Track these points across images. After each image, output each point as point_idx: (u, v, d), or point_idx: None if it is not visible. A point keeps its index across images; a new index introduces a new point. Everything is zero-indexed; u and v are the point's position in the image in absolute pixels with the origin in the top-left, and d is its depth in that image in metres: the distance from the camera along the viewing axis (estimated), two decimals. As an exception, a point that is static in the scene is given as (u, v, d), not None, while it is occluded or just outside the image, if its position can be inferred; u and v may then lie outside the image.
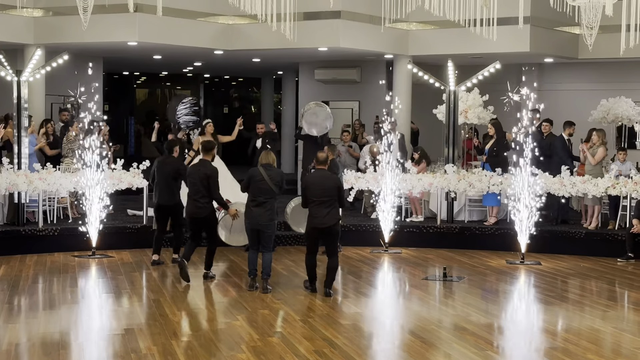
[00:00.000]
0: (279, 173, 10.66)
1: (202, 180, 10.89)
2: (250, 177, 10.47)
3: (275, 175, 10.51)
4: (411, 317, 9.60)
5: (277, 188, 10.47)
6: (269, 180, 10.37)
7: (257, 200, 10.39)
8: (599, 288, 11.35)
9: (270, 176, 10.40)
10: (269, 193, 10.40)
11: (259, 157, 10.80)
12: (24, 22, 15.76)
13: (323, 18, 15.89)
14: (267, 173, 10.42)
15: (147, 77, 29.98)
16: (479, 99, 16.37)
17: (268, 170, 10.47)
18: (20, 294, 10.23)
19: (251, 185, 10.44)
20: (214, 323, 8.96)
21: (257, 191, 10.41)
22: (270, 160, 10.61)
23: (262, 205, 10.38)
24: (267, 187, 10.36)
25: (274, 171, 10.57)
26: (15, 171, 13.12)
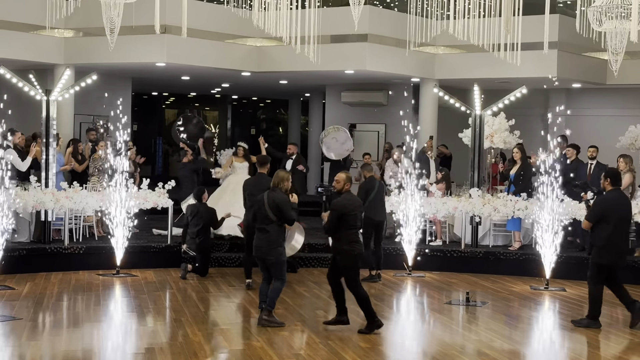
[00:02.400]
0: (278, 199, 9.63)
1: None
2: (255, 203, 9.92)
3: (274, 200, 9.60)
4: (433, 342, 9.54)
5: (274, 215, 9.58)
6: (267, 205, 9.61)
7: (259, 227, 9.72)
8: (624, 316, 11.19)
9: (268, 201, 9.61)
10: (267, 219, 9.60)
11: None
12: (54, 43, 15.98)
13: (350, 41, 15.98)
14: (268, 197, 9.66)
15: (176, 98, 30.22)
16: (505, 123, 16.32)
17: (271, 193, 9.69)
18: (45, 311, 10.30)
19: (256, 212, 9.80)
20: (234, 344, 8.96)
21: (259, 218, 9.73)
22: (277, 182, 9.73)
23: (261, 232, 9.67)
24: (266, 213, 9.61)
25: (275, 195, 9.66)
26: (42, 189, 13.26)
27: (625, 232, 10.17)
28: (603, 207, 9.96)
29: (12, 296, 11.03)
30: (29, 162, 13.78)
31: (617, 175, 10.25)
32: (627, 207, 10.17)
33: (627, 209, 10.14)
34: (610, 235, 9.86)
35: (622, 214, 9.95)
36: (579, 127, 19.07)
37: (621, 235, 10.03)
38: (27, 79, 13.71)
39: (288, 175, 9.88)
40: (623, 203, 10.09)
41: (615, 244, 9.94)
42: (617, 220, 9.85)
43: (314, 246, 14.45)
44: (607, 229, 9.85)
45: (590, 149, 14.58)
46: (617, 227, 9.86)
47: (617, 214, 9.91)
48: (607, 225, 9.86)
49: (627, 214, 10.11)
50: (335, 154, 15.65)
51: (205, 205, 13.09)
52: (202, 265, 12.84)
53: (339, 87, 19.87)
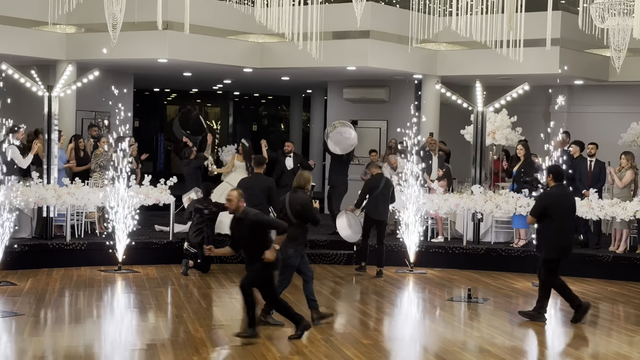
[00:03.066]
0: (300, 201, 9.47)
1: (264, 191, 11.82)
2: (279, 202, 9.86)
3: (295, 202, 9.44)
4: (434, 338, 9.55)
5: (296, 218, 9.42)
6: (288, 207, 9.45)
7: None
8: (626, 313, 11.21)
9: (290, 203, 9.46)
10: (287, 222, 9.32)
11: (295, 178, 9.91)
12: (56, 39, 15.97)
13: (352, 37, 15.96)
14: (290, 198, 9.50)
15: (178, 94, 30.22)
16: (507, 120, 16.31)
17: (292, 195, 9.54)
18: (46, 307, 10.31)
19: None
20: (235, 340, 8.95)
21: (280, 218, 9.57)
22: (301, 183, 9.62)
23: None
24: (285, 214, 9.46)
25: (297, 197, 9.51)
26: (44, 185, 13.26)
27: (569, 226, 10.24)
28: (546, 203, 10.09)
29: (14, 292, 11.04)
30: (31, 159, 13.78)
31: (560, 171, 10.36)
32: (570, 202, 10.27)
33: (570, 204, 10.25)
34: (554, 231, 9.96)
35: (565, 209, 10.03)
36: (581, 124, 19.04)
37: (565, 230, 10.08)
38: (29, 75, 13.71)
39: (311, 177, 9.78)
40: (566, 198, 10.19)
41: (559, 239, 10.02)
42: (560, 216, 9.95)
43: (315, 242, 14.45)
44: (551, 224, 9.97)
45: (590, 146, 14.57)
46: (561, 222, 9.94)
47: (560, 209, 9.99)
48: (551, 221, 9.97)
49: (570, 209, 10.21)
50: (340, 148, 15.61)
51: (210, 201, 13.07)
52: (204, 262, 12.84)
53: (340, 83, 19.85)
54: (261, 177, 12.19)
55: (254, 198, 11.78)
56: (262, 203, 11.89)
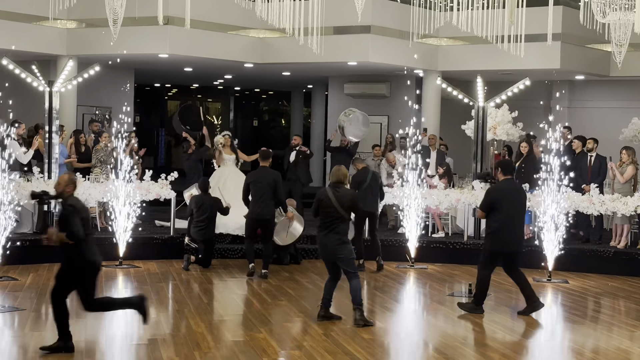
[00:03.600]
0: (349, 195, 9.49)
1: (270, 184, 11.83)
2: (318, 201, 9.43)
3: (344, 197, 9.36)
4: (435, 334, 9.55)
5: (348, 212, 9.40)
6: (337, 204, 9.31)
7: (324, 224, 9.40)
8: (627, 308, 11.22)
9: (338, 199, 9.32)
10: (338, 218, 9.32)
11: (331, 174, 9.84)
12: (57, 34, 15.97)
13: (353, 33, 15.95)
14: (335, 195, 9.34)
15: (178, 89, 30.21)
16: (508, 115, 16.31)
17: (337, 191, 9.38)
18: (47, 302, 10.26)
19: (320, 210, 9.43)
20: (236, 335, 8.97)
21: (325, 216, 9.38)
22: (341, 177, 9.52)
23: (330, 231, 9.36)
24: (335, 211, 9.29)
25: (343, 192, 9.42)
26: (45, 180, 13.26)
27: (517, 220, 10.16)
28: (494, 196, 10.11)
29: (15, 287, 11.05)
30: (31, 154, 13.78)
31: (509, 165, 10.45)
32: (519, 196, 10.24)
33: (519, 198, 10.21)
34: (501, 224, 9.95)
35: (512, 202, 10.00)
36: (582, 119, 19.04)
37: (513, 224, 10.05)
38: (30, 70, 13.71)
39: (346, 174, 9.69)
40: (514, 192, 10.19)
41: (506, 232, 10.00)
42: (507, 209, 9.94)
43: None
44: (498, 217, 9.97)
45: (589, 141, 14.58)
46: (508, 216, 9.93)
47: (508, 202, 9.99)
48: (498, 214, 9.97)
49: (518, 203, 10.16)
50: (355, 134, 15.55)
51: (210, 196, 13.10)
52: (206, 257, 12.85)
53: (341, 78, 19.85)
54: (267, 170, 12.23)
55: (261, 191, 11.99)
56: (269, 196, 12.01)
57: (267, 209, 12.10)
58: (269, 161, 12.35)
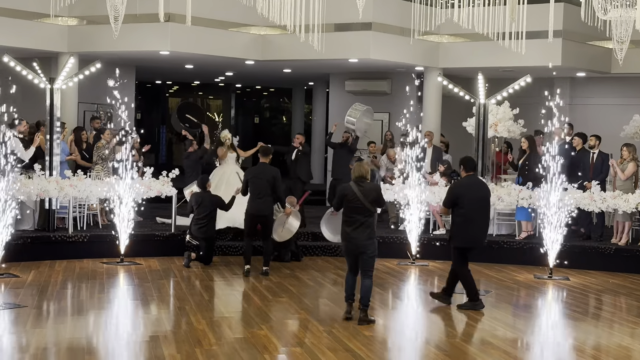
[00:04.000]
0: (374, 189, 9.56)
1: (269, 180, 11.90)
2: (342, 195, 9.44)
3: (370, 191, 9.41)
4: (436, 331, 9.56)
5: (374, 206, 9.43)
6: (364, 198, 9.35)
7: (353, 219, 9.36)
8: (628, 305, 11.22)
9: (364, 194, 9.36)
10: (365, 212, 9.33)
11: (352, 170, 9.75)
12: (58, 31, 15.96)
13: (354, 29, 15.94)
14: (360, 190, 9.36)
15: (180, 87, 30.20)
16: (509, 112, 16.29)
17: (361, 186, 9.39)
18: (49, 299, 10.33)
19: (344, 205, 9.44)
20: (238, 332, 8.98)
21: (351, 211, 9.36)
22: (364, 172, 9.52)
23: (359, 226, 9.33)
24: (362, 206, 9.31)
25: (368, 186, 9.46)
26: (46, 177, 13.27)
27: (480, 215, 10.22)
28: (456, 192, 10.24)
29: (16, 284, 11.07)
30: (32, 152, 13.79)
31: (470, 161, 10.47)
32: (481, 191, 10.29)
33: (481, 194, 10.26)
34: (464, 219, 10.03)
35: (474, 197, 10.06)
36: (583, 116, 19.03)
37: (475, 218, 10.11)
38: (31, 67, 13.71)
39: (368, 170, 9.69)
40: (476, 188, 10.26)
41: (469, 227, 10.08)
42: (469, 204, 10.02)
43: (317, 235, 14.43)
44: (461, 212, 10.08)
45: (591, 138, 14.57)
46: (471, 210, 10.00)
47: (469, 198, 10.07)
48: (461, 209, 10.09)
49: (480, 198, 10.20)
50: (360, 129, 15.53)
51: (209, 194, 13.11)
52: (207, 254, 12.86)
53: (342, 75, 19.84)
54: (266, 167, 12.27)
55: (260, 187, 12.03)
56: (268, 192, 12.07)
57: (266, 205, 12.15)
58: (269, 157, 12.39)
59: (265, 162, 12.32)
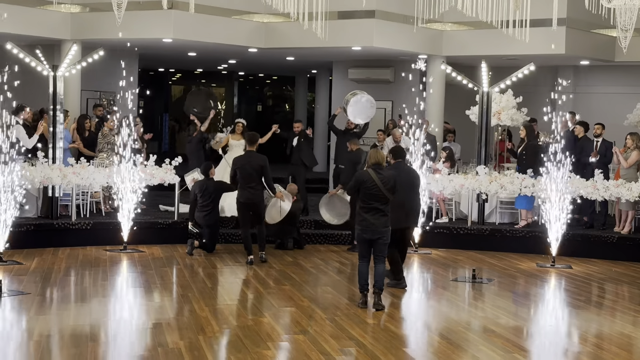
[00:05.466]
0: (392, 176, 9.64)
1: (257, 169, 11.93)
2: (360, 182, 9.53)
3: (388, 178, 9.54)
4: (439, 318, 9.58)
5: (391, 193, 9.54)
6: (382, 185, 9.46)
7: (371, 206, 9.48)
8: (630, 293, 11.23)
9: (382, 181, 9.47)
10: (383, 199, 9.47)
11: (368, 156, 9.98)
12: (60, 18, 15.94)
13: (357, 17, 15.89)
14: (379, 177, 9.47)
15: (182, 74, 30.18)
16: (513, 100, 16.27)
17: (379, 173, 9.51)
18: (52, 287, 10.36)
19: (362, 191, 9.52)
20: (241, 319, 9.00)
21: (369, 197, 9.47)
22: (380, 159, 9.66)
23: (377, 212, 9.47)
24: (380, 193, 9.45)
25: (386, 173, 9.59)
26: (49, 165, 13.28)
27: (406, 198, 10.50)
28: None
29: (20, 271, 11.09)
30: (36, 139, 13.79)
31: (398, 151, 10.93)
32: (407, 176, 10.59)
33: (406, 178, 10.52)
34: (393, 205, 10.06)
35: (402, 183, 10.14)
36: (587, 105, 18.99)
37: (402, 202, 10.31)
38: (34, 55, 13.70)
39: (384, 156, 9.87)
40: (404, 174, 10.57)
41: (397, 210, 10.19)
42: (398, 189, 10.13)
43: (320, 223, 14.47)
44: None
45: (596, 126, 14.55)
46: (399, 195, 10.06)
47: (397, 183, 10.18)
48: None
49: (406, 183, 10.44)
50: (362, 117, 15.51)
51: (212, 180, 13.11)
52: (210, 241, 12.87)
53: (346, 63, 19.79)
54: (254, 155, 12.28)
55: (248, 175, 12.05)
56: (257, 180, 12.10)
57: (256, 194, 12.17)
58: (256, 145, 12.41)
59: (252, 150, 12.33)
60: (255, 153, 12.32)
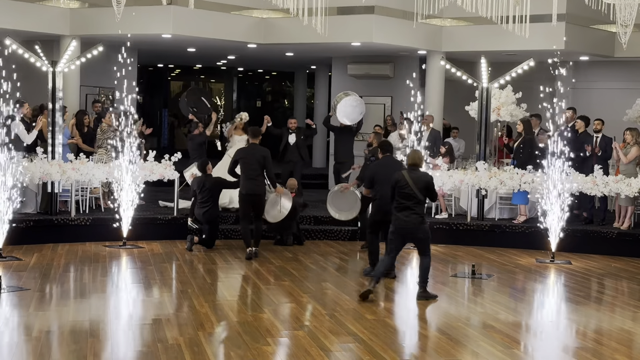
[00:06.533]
0: (424, 177, 9.89)
1: (259, 160, 12.03)
2: (395, 181, 9.86)
3: (420, 179, 9.80)
4: (438, 314, 9.58)
5: (423, 195, 9.78)
6: (413, 185, 9.73)
7: (403, 205, 9.80)
8: (630, 289, 11.24)
9: (414, 180, 9.75)
10: (414, 199, 9.75)
11: (407, 156, 10.34)
12: (59, 13, 15.91)
13: (357, 13, 15.88)
14: (411, 177, 9.77)
15: (182, 70, 30.15)
16: (512, 96, 16.27)
17: (412, 173, 9.83)
18: (52, 282, 10.36)
19: (396, 190, 9.84)
20: (240, 315, 9.00)
21: (401, 197, 9.78)
22: (417, 160, 9.96)
23: (408, 210, 9.77)
24: (412, 193, 9.72)
25: (419, 174, 9.90)
26: (49, 161, 13.27)
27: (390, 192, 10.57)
28: (370, 172, 11.13)
29: (19, 267, 11.09)
30: (35, 135, 13.79)
31: (386, 145, 11.25)
32: (390, 169, 10.63)
33: (390, 171, 10.49)
34: (379, 195, 10.75)
35: (387, 175, 10.44)
36: (587, 100, 18.98)
37: (385, 196, 10.46)
38: (33, 50, 13.68)
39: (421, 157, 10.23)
40: (388, 166, 10.84)
41: (381, 203, 10.72)
42: (382, 181, 10.60)
43: (320, 219, 14.48)
44: (377, 188, 10.84)
45: (596, 122, 14.54)
46: (381, 188, 10.59)
47: (382, 175, 10.70)
48: (377, 186, 10.84)
49: (389, 176, 10.42)
50: (349, 119, 15.54)
51: (210, 177, 13.11)
52: (209, 237, 12.88)
53: (345, 59, 19.78)
54: (256, 147, 12.38)
55: (251, 167, 12.15)
56: (259, 172, 12.21)
57: (259, 185, 12.29)
58: (259, 138, 12.55)
59: (256, 142, 12.46)
60: (258, 145, 12.42)
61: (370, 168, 11.39)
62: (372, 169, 11.17)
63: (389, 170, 10.58)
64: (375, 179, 10.84)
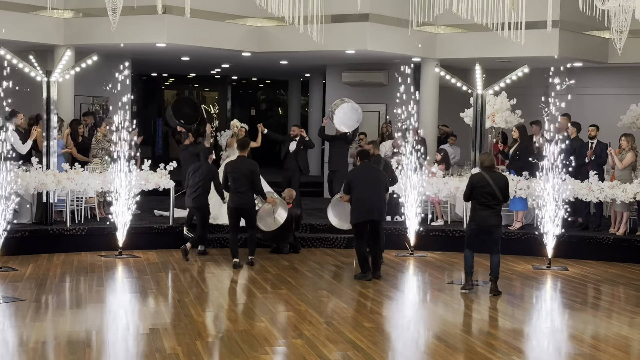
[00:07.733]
0: (502, 178, 10.64)
1: (247, 174, 12.00)
2: (473, 183, 10.56)
3: (500, 179, 10.55)
4: (436, 321, 9.57)
5: (502, 194, 10.48)
6: (494, 184, 10.41)
7: (487, 204, 10.51)
8: (626, 294, 11.24)
9: (494, 180, 10.45)
10: (496, 197, 10.47)
11: (481, 160, 11.07)
12: (54, 23, 15.90)
13: (351, 21, 15.89)
14: (491, 177, 10.49)
15: (175, 79, 30.14)
16: (507, 102, 16.29)
17: (491, 173, 10.56)
18: (48, 293, 10.32)
19: (475, 191, 10.51)
20: (238, 324, 8.97)
21: (482, 196, 10.48)
22: (493, 162, 10.76)
23: (491, 208, 10.50)
24: (493, 191, 10.43)
25: (498, 175, 10.67)
26: (44, 171, 13.24)
27: (369, 194, 11.34)
28: (348, 179, 11.65)
29: (15, 277, 11.05)
30: (29, 145, 13.76)
31: (363, 152, 11.84)
32: (370, 174, 11.49)
33: (369, 175, 11.45)
34: (357, 198, 11.35)
35: (363, 180, 11.36)
36: (581, 106, 19.00)
37: (366, 197, 11.30)
38: (28, 60, 13.65)
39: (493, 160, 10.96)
40: (365, 172, 11.52)
41: (361, 205, 11.32)
42: (360, 186, 11.31)
43: (316, 227, 14.46)
44: (354, 193, 11.38)
45: (590, 128, 14.57)
46: (361, 191, 11.31)
47: (358, 180, 11.38)
48: (354, 191, 11.38)
49: (369, 180, 11.42)
50: (346, 126, 15.53)
51: (207, 164, 12.98)
52: (200, 227, 12.74)
53: (339, 67, 19.80)
54: (244, 160, 12.34)
55: (239, 181, 12.11)
56: (247, 186, 12.14)
57: (247, 199, 12.22)
58: (247, 150, 12.55)
59: (244, 155, 12.41)
60: (246, 158, 12.39)
61: (348, 175, 12.04)
62: (349, 175, 11.82)
63: (362, 174, 11.44)
64: (352, 183, 11.37)
